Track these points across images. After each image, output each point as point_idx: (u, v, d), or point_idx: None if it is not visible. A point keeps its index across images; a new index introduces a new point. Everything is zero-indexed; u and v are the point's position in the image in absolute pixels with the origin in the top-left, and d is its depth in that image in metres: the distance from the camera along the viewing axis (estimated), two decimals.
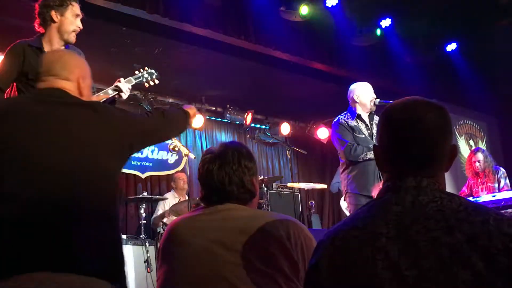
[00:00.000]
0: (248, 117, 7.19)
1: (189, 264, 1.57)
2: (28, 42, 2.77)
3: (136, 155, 6.53)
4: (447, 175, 1.19)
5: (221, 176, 1.65)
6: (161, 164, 6.77)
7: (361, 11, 5.91)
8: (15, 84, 2.70)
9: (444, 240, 0.99)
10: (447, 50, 7.01)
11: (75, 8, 2.86)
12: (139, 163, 6.56)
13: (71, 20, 2.84)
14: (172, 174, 6.54)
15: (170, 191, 6.32)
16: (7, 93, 2.70)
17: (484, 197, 4.85)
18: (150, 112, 1.97)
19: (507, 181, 5.31)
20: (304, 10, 5.47)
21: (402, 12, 6.07)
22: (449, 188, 7.33)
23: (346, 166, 3.95)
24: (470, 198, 4.99)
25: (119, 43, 5.23)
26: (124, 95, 2.95)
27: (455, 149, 1.18)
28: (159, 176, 6.77)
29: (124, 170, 6.34)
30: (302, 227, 1.62)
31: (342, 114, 4.04)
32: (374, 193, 3.73)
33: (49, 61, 1.82)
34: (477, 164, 5.39)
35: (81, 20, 2.89)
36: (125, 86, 2.97)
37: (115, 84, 2.96)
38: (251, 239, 1.53)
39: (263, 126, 8.02)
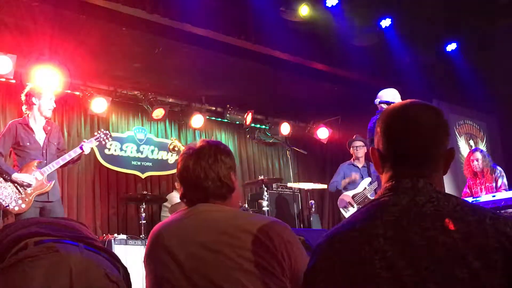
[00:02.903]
0: (248, 117, 7.18)
1: (175, 270, 1.54)
2: (19, 121, 4.19)
3: (136, 155, 6.53)
4: (447, 176, 1.20)
5: (197, 170, 1.63)
6: (161, 164, 6.77)
7: (361, 11, 5.91)
8: (12, 149, 4.11)
9: (440, 239, 1.00)
10: (447, 50, 7.02)
11: (49, 93, 4.21)
12: (139, 163, 6.55)
13: (47, 102, 4.17)
14: (175, 174, 6.51)
15: (171, 191, 6.33)
16: (6, 156, 4.12)
17: (484, 197, 4.84)
18: None
19: (505, 180, 5.30)
20: (304, 10, 5.48)
21: (402, 12, 6.07)
22: (449, 189, 7.31)
23: None
24: (470, 199, 4.98)
25: (119, 43, 5.23)
26: (86, 152, 4.34)
27: (453, 152, 1.19)
28: (159, 176, 6.77)
29: (124, 170, 6.35)
30: (284, 225, 1.59)
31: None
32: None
33: None
34: (475, 163, 5.37)
35: (82, 20, 3.12)
36: (88, 146, 4.31)
37: (80, 145, 4.29)
38: (233, 240, 1.51)
39: (263, 126, 8.01)
